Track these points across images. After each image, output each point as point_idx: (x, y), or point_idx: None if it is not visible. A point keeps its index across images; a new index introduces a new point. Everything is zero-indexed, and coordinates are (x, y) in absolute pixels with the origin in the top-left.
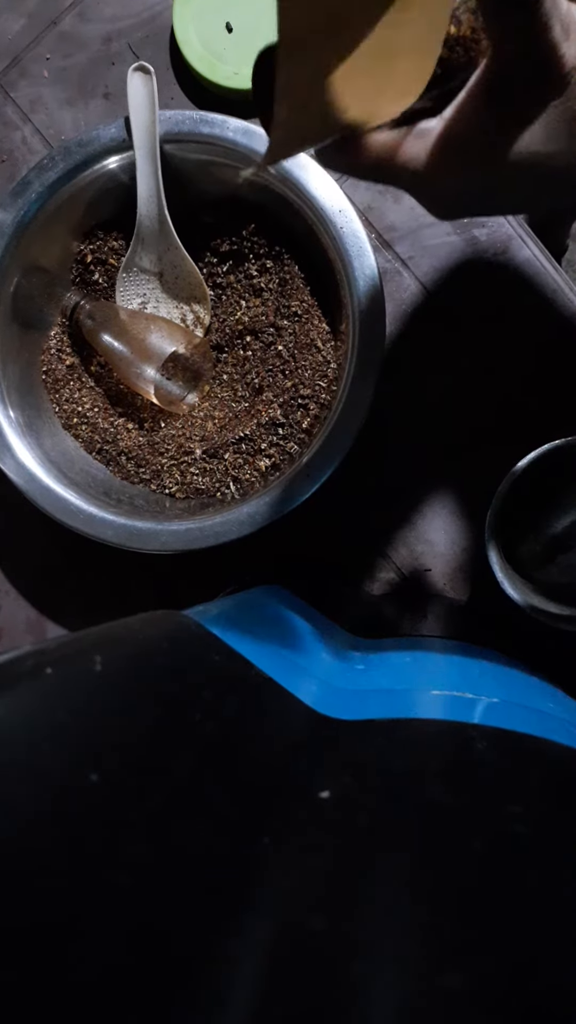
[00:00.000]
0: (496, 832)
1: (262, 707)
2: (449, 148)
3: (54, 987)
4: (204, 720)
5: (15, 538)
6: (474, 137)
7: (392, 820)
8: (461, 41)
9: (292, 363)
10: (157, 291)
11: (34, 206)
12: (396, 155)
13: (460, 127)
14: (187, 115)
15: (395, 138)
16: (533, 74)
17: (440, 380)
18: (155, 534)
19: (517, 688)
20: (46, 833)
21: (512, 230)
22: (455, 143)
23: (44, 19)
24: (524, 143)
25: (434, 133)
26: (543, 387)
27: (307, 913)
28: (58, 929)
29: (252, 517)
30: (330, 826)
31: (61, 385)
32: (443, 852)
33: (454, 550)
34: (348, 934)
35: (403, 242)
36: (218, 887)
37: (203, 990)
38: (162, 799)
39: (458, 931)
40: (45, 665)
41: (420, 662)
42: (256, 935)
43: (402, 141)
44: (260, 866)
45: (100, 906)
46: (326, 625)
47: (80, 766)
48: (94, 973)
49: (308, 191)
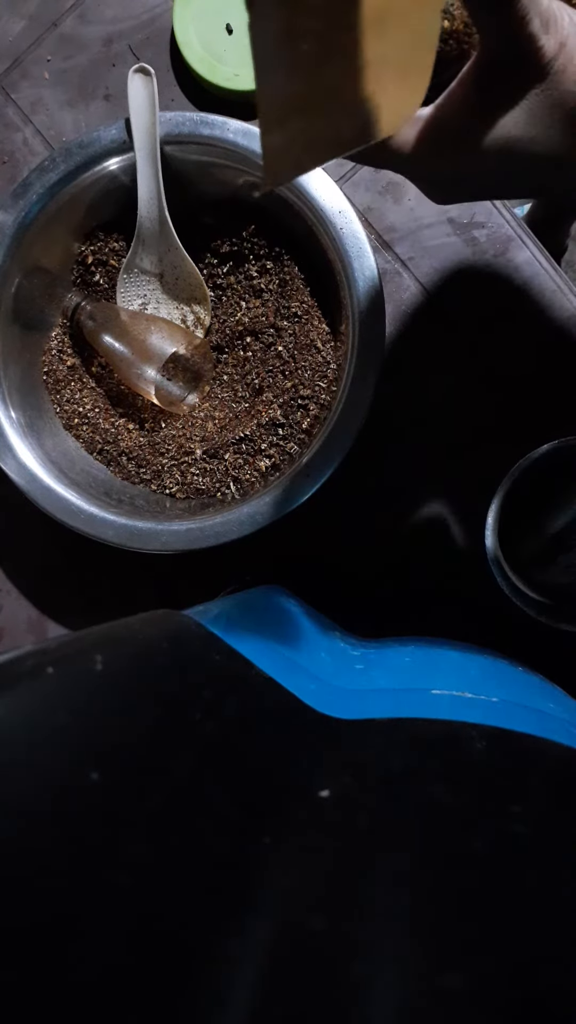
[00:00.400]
0: (496, 832)
1: (262, 707)
2: (437, 132)
3: (54, 987)
4: (204, 720)
5: (16, 538)
6: (460, 122)
7: (392, 820)
8: (453, 35)
9: (292, 364)
10: (158, 292)
11: (35, 207)
12: (389, 141)
13: (448, 112)
14: (187, 116)
15: None
16: (514, 64)
17: (440, 380)
18: (156, 534)
19: (517, 688)
20: (46, 832)
21: (512, 231)
22: (443, 127)
23: (45, 21)
24: (506, 128)
25: (424, 119)
26: (543, 387)
27: (307, 913)
28: (58, 929)
29: (252, 517)
30: (330, 826)
31: (62, 386)
32: (443, 852)
33: (454, 550)
34: (348, 934)
35: (403, 243)
36: (218, 887)
37: (203, 990)
38: (162, 799)
39: (458, 931)
40: (46, 664)
41: (420, 661)
42: (256, 935)
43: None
44: (260, 866)
45: (100, 906)
46: (326, 625)
47: (80, 765)
48: (94, 973)
49: (308, 192)
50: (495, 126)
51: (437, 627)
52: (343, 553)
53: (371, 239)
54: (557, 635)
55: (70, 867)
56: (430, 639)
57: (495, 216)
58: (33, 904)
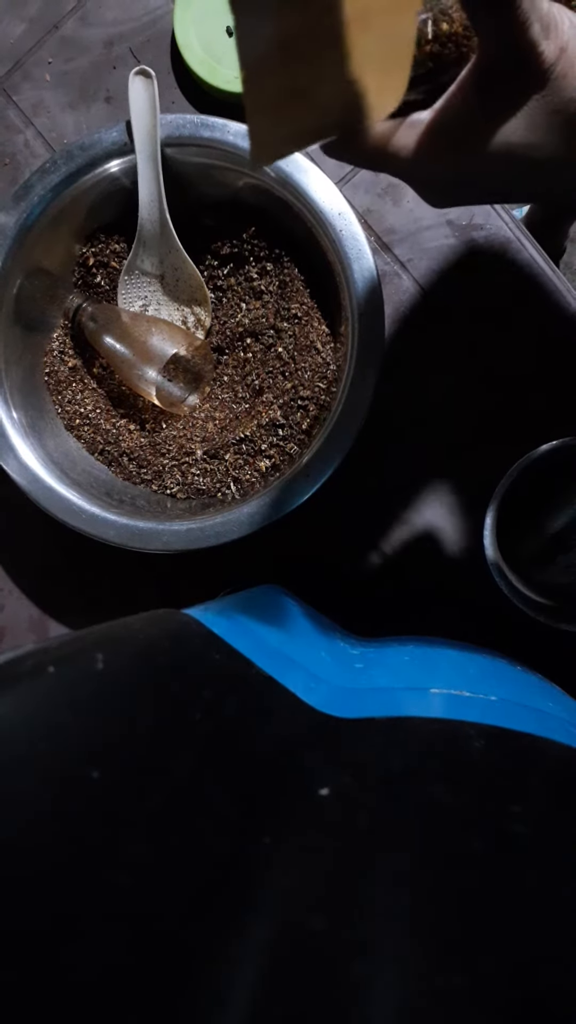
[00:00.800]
0: (496, 832)
1: (262, 706)
2: (436, 136)
3: (54, 987)
4: (204, 719)
5: (18, 538)
6: (459, 126)
7: (392, 820)
8: (452, 37)
9: (292, 365)
10: (158, 293)
11: (36, 209)
12: (388, 144)
13: (447, 116)
14: (188, 119)
15: (389, 128)
16: (514, 69)
17: (439, 380)
18: (156, 534)
19: (516, 687)
20: (47, 831)
21: (510, 233)
22: (442, 131)
23: (46, 23)
24: (506, 133)
25: (423, 123)
26: (543, 387)
27: (307, 913)
28: (58, 929)
29: (252, 517)
30: (330, 826)
31: (63, 387)
32: (443, 852)
33: (454, 550)
34: (348, 934)
35: (402, 244)
36: (218, 887)
37: (203, 990)
38: (162, 798)
39: (458, 931)
40: (47, 664)
41: (419, 661)
42: (256, 935)
43: (395, 131)
44: (260, 866)
45: (100, 906)
46: (326, 624)
47: (81, 764)
48: (94, 973)
49: (308, 194)
50: (495, 131)
51: (437, 627)
52: (343, 553)
53: (370, 241)
54: (556, 635)
55: (70, 867)
56: (429, 638)
57: (494, 218)
58: (33, 904)
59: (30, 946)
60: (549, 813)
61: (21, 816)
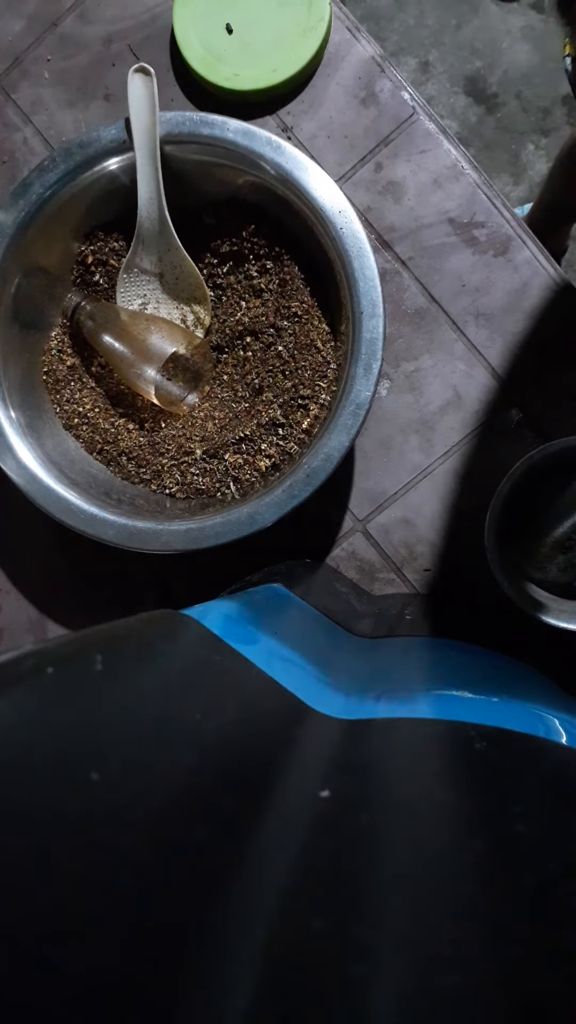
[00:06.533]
0: (496, 832)
1: (262, 707)
2: None
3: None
4: (204, 720)
5: (16, 538)
6: None
7: (392, 820)
8: None
9: (292, 363)
10: (158, 292)
11: (35, 207)
12: None
13: None
14: (187, 116)
15: None
16: None
17: (439, 380)
18: (156, 534)
19: (517, 688)
20: (46, 833)
21: (512, 231)
22: None
23: (44, 21)
24: None
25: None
26: (543, 387)
27: (307, 913)
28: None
29: (252, 517)
30: (330, 826)
31: (62, 386)
32: (443, 852)
33: (454, 550)
34: (348, 934)
35: (403, 243)
36: (217, 887)
37: (203, 990)
38: (162, 799)
39: (457, 931)
40: (46, 665)
41: (419, 661)
42: (256, 935)
43: None
44: (260, 867)
45: (99, 906)
46: (326, 625)
47: (80, 766)
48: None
49: (308, 192)
50: None
51: (437, 627)
52: (343, 553)
53: (371, 239)
54: (557, 635)
55: (69, 867)
56: (430, 639)
57: (495, 216)
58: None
59: (29, 946)
60: (549, 813)
61: (20, 817)
